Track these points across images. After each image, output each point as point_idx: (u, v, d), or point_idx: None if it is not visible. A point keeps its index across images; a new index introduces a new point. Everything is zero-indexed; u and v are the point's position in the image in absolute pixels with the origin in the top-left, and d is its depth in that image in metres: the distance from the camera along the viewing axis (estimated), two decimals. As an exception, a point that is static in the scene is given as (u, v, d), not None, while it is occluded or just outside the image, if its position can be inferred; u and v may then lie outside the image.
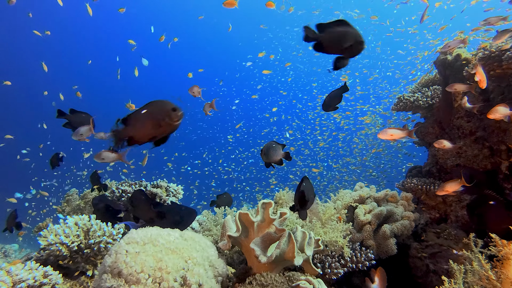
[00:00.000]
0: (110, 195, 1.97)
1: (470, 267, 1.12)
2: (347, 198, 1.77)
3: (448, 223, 2.02)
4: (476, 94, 1.95)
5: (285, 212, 1.28)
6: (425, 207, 2.11)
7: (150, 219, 1.45)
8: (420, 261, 1.73)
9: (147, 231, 1.13)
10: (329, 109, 1.59)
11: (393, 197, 1.92)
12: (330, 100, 1.56)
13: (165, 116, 0.83)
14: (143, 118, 0.84)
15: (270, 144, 1.46)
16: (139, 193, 1.48)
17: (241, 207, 2.04)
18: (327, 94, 1.59)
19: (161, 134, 0.86)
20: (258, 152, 1.60)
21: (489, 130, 1.95)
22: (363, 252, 1.52)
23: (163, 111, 0.83)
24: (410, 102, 2.33)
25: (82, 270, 1.44)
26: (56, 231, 1.39)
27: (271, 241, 1.21)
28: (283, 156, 1.46)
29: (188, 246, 1.13)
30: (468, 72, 1.95)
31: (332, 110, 1.60)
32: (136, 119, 0.84)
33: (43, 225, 2.10)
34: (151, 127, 0.84)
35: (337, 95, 1.56)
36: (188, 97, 2.16)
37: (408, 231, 1.75)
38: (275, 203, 1.77)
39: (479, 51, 2.03)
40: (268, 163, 1.47)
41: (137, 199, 1.46)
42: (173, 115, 0.83)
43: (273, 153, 1.44)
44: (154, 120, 0.84)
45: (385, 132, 1.53)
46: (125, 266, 0.99)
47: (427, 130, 2.35)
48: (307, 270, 1.29)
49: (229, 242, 1.23)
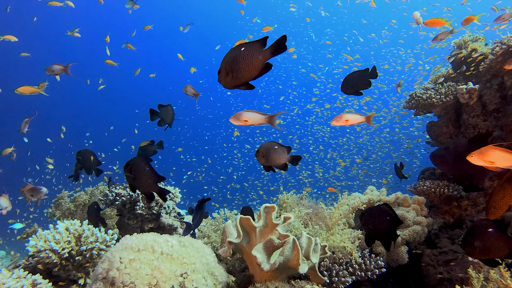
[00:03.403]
0: (103, 198, 1.97)
1: (488, 275, 1.12)
2: (355, 202, 1.77)
3: (463, 228, 2.01)
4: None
5: (289, 217, 1.27)
6: (439, 211, 2.09)
7: (151, 195, 1.30)
8: (434, 269, 1.72)
9: (142, 237, 1.13)
10: (349, 91, 1.45)
11: (404, 200, 1.91)
12: (352, 80, 1.43)
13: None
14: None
15: (270, 145, 1.35)
16: (141, 161, 1.28)
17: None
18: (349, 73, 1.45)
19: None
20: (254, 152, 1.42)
21: (507, 129, 1.94)
22: (372, 259, 1.52)
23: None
24: (422, 100, 2.32)
25: (73, 279, 1.44)
26: (46, 237, 1.39)
27: (274, 247, 1.21)
28: (288, 160, 1.35)
29: (186, 253, 1.13)
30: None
31: (353, 94, 1.46)
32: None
33: (30, 231, 2.10)
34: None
35: (362, 76, 1.42)
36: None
37: (420, 237, 1.74)
38: (278, 207, 1.77)
39: (496, 45, 2.03)
40: (268, 166, 1.35)
41: (139, 168, 1.26)
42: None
43: (275, 155, 1.32)
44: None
45: (340, 117, 1.40)
46: (119, 274, 0.98)
47: (441, 130, 2.34)
48: (313, 279, 1.28)
49: (229, 249, 1.22)
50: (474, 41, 2.33)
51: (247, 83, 0.98)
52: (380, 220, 1.20)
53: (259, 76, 0.97)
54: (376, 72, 1.43)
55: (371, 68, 1.45)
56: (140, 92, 18.44)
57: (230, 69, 0.95)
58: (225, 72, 0.95)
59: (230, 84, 0.98)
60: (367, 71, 1.44)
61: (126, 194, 1.91)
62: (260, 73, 0.96)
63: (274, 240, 1.17)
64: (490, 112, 2.06)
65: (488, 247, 1.11)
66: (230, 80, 0.96)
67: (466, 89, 2.06)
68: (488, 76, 2.10)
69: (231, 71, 0.95)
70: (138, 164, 1.27)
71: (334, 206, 1.86)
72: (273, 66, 0.96)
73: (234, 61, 0.94)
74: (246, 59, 0.93)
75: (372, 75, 1.43)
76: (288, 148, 1.35)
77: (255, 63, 0.94)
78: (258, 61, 0.94)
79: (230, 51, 0.95)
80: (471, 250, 1.15)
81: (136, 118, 17.27)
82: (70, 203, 2.29)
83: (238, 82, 0.97)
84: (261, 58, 0.94)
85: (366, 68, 1.46)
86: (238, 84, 0.98)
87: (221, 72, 0.96)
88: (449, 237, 1.92)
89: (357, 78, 1.43)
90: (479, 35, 2.35)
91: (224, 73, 0.96)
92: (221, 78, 0.97)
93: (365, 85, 1.44)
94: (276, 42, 0.93)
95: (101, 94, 17.42)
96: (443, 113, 2.37)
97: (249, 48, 0.93)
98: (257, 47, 0.93)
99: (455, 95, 2.19)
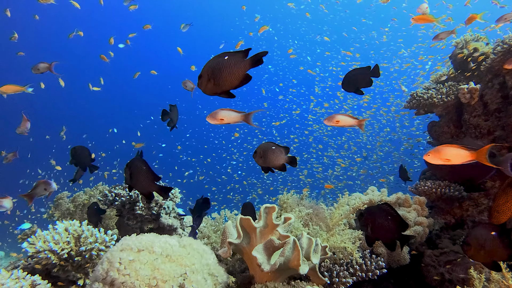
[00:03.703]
0: (102, 199, 1.97)
1: (489, 276, 1.12)
2: (356, 202, 1.77)
3: (464, 228, 2.00)
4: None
5: (289, 217, 1.27)
6: (440, 211, 2.09)
7: (149, 194, 1.31)
8: (435, 269, 1.72)
9: (142, 238, 1.13)
10: (350, 89, 1.43)
11: (405, 201, 1.91)
12: (353, 78, 1.41)
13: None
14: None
15: (267, 145, 1.34)
16: (139, 161, 1.30)
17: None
18: (350, 69, 1.43)
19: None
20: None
21: (508, 129, 1.93)
22: (373, 260, 1.52)
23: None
24: (423, 100, 2.32)
25: (73, 279, 1.44)
26: (45, 238, 1.39)
27: (275, 248, 1.21)
28: (286, 160, 1.35)
29: (186, 253, 1.13)
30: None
31: (354, 92, 1.43)
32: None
33: (29, 231, 2.10)
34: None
35: (363, 74, 1.40)
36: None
37: (421, 238, 1.74)
38: (278, 207, 1.76)
39: (497, 44, 2.03)
40: (266, 167, 1.35)
41: (137, 169, 1.28)
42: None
43: (273, 156, 1.32)
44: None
45: (332, 117, 1.39)
46: (119, 275, 0.98)
47: (442, 130, 2.34)
48: (314, 279, 1.28)
49: (229, 250, 1.22)
50: (475, 41, 2.33)
51: (228, 92, 1.00)
52: (380, 220, 1.20)
53: (239, 87, 0.99)
54: (379, 71, 1.41)
55: (373, 66, 1.43)
56: (140, 92, 18.49)
57: (212, 76, 0.96)
58: (207, 79, 0.97)
59: (210, 91, 1.00)
60: (369, 69, 1.43)
61: (125, 195, 1.91)
62: (240, 83, 0.98)
63: (274, 240, 1.17)
64: (492, 112, 2.06)
65: (489, 250, 1.11)
66: (211, 87, 0.98)
67: (467, 88, 2.06)
68: (490, 75, 2.10)
69: (213, 78, 0.96)
70: (136, 164, 1.29)
71: (335, 206, 1.86)
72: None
73: (217, 69, 0.96)
74: (229, 68, 0.96)
75: (374, 73, 1.42)
76: (286, 148, 1.35)
77: (237, 73, 0.96)
78: (240, 71, 0.96)
79: (213, 58, 0.97)
80: (472, 253, 1.15)
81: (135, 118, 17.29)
82: (70, 203, 2.29)
83: (218, 90, 0.99)
84: (243, 69, 0.96)
85: (367, 66, 1.44)
86: (218, 92, 1.00)
87: (202, 78, 0.98)
88: (450, 238, 1.92)
89: (358, 75, 1.42)
90: (480, 35, 2.35)
91: (206, 79, 0.97)
92: (202, 83, 0.98)
93: (367, 83, 1.42)
94: (256, 55, 0.95)
95: (101, 94, 17.45)
96: (444, 113, 2.37)
97: (233, 58, 0.95)
98: (239, 57, 0.95)
99: (456, 95, 2.19)
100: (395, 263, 1.65)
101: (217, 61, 0.96)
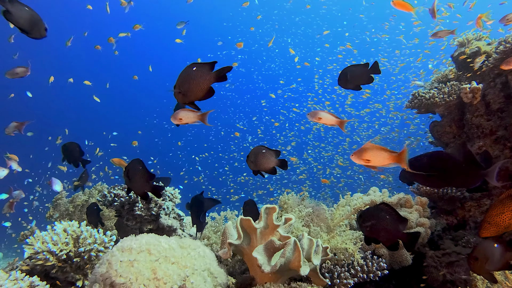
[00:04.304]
0: (101, 199, 1.97)
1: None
2: (357, 202, 1.76)
3: (466, 229, 2.00)
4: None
5: (290, 218, 1.27)
6: (442, 212, 2.09)
7: (144, 194, 1.34)
8: (437, 270, 1.71)
9: (142, 238, 1.13)
10: (348, 86, 1.42)
11: (407, 202, 1.91)
12: (351, 74, 1.39)
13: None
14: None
15: (258, 149, 1.37)
16: (136, 162, 1.33)
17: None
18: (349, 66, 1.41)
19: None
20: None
21: (511, 129, 1.93)
22: (374, 261, 1.51)
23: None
24: (425, 99, 2.31)
25: (72, 281, 1.43)
26: (44, 239, 1.39)
27: (275, 249, 1.20)
28: (276, 164, 1.37)
29: (186, 254, 1.12)
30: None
31: (353, 88, 1.42)
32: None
33: (28, 233, 2.09)
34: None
35: (362, 71, 1.39)
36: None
37: (423, 239, 1.74)
38: (279, 207, 1.76)
39: (500, 44, 2.02)
40: (256, 171, 1.38)
41: (134, 170, 1.33)
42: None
43: (263, 160, 1.35)
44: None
45: (315, 113, 1.39)
46: (118, 277, 0.98)
47: (444, 129, 2.33)
48: (314, 281, 1.28)
49: (229, 250, 1.22)
50: (477, 40, 2.33)
51: (194, 103, 1.02)
52: (380, 220, 1.19)
53: (204, 99, 1.01)
54: (379, 67, 1.39)
55: (372, 63, 1.41)
56: (140, 91, 18.49)
57: (181, 87, 0.99)
58: (178, 89, 0.99)
59: (181, 101, 1.02)
60: (367, 65, 1.41)
61: (125, 195, 1.91)
62: (206, 95, 1.00)
63: (275, 241, 1.17)
64: (494, 112, 2.05)
65: (496, 266, 1.06)
66: (181, 97, 1.00)
67: (469, 88, 2.06)
68: (492, 75, 2.10)
69: (182, 89, 0.99)
70: (133, 165, 1.32)
71: (335, 207, 1.86)
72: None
73: (186, 80, 0.98)
74: (196, 80, 0.97)
75: (374, 70, 1.40)
76: (277, 152, 1.36)
77: (202, 85, 0.98)
78: (205, 84, 0.98)
79: (184, 69, 0.99)
80: (477, 268, 1.11)
81: (136, 118, 17.30)
82: (68, 204, 2.29)
83: (187, 100, 1.01)
84: (207, 81, 0.98)
85: (366, 62, 1.43)
86: (187, 102, 1.02)
87: (175, 88, 1.00)
88: (452, 239, 1.92)
89: (356, 72, 1.40)
90: (482, 34, 2.34)
91: (178, 89, 1.00)
92: (175, 94, 1.01)
93: (366, 80, 1.40)
94: (221, 70, 0.97)
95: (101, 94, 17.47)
96: (446, 112, 2.36)
97: (200, 69, 0.97)
98: (206, 70, 0.97)
99: (459, 94, 2.19)
100: (397, 264, 1.65)
101: (186, 72, 0.98)
